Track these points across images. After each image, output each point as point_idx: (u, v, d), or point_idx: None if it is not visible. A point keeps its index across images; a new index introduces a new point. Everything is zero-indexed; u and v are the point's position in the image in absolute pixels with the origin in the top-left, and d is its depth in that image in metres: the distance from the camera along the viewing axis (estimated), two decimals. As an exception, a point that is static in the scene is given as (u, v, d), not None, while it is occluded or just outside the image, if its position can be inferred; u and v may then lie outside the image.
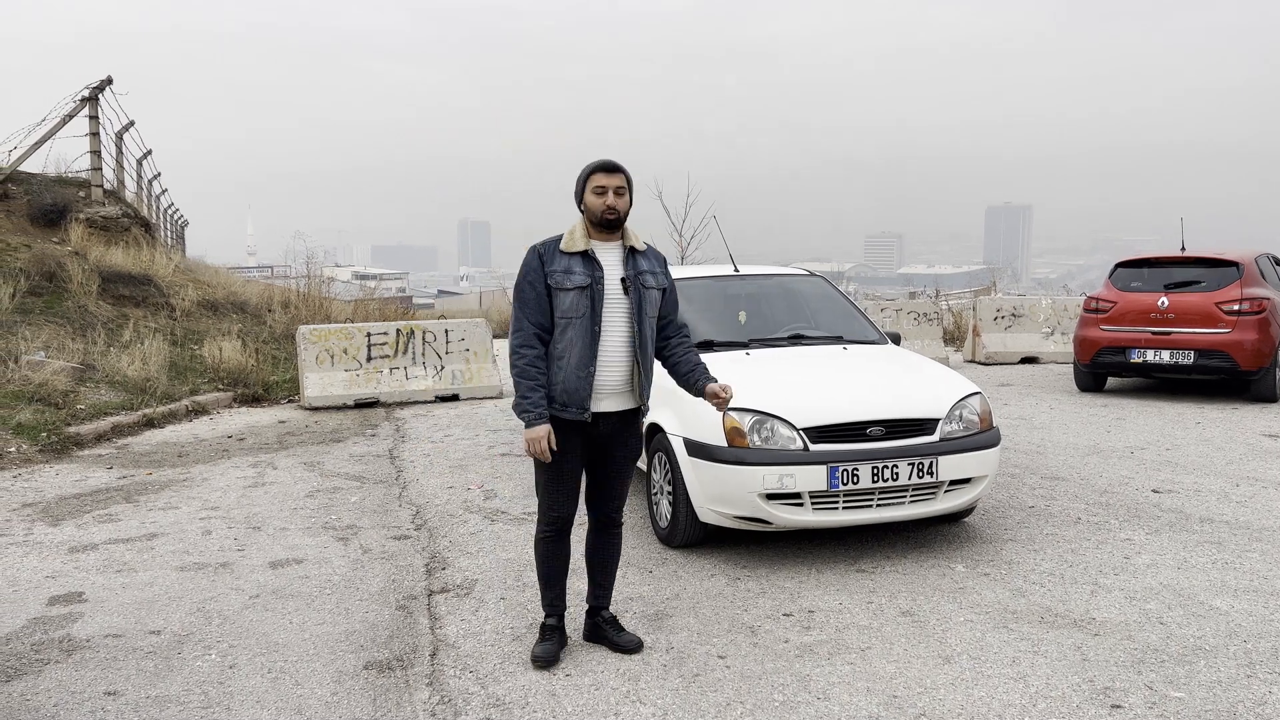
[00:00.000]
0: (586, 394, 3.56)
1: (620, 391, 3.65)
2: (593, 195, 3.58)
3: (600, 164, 3.62)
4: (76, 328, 10.66)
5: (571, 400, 3.56)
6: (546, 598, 3.80)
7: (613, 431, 3.69)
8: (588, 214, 3.62)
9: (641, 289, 3.62)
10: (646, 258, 3.71)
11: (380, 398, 10.24)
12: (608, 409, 3.64)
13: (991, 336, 13.59)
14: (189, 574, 4.78)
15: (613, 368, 3.60)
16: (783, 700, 3.36)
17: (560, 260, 3.59)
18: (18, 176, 15.30)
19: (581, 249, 3.59)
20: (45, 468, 7.16)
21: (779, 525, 4.61)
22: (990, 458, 4.88)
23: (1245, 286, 9.42)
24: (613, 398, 3.64)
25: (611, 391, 3.63)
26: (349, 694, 3.47)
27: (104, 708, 3.39)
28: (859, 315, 6.28)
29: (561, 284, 3.55)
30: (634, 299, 3.60)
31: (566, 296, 3.55)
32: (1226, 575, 4.53)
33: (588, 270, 3.57)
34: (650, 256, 3.74)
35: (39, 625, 4.14)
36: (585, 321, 3.54)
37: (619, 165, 3.62)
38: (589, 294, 3.55)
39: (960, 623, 4.00)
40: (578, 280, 3.55)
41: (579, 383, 3.54)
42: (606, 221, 3.59)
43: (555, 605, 3.79)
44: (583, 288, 3.55)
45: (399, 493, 6.41)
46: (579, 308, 3.54)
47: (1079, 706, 3.27)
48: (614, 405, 3.65)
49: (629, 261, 3.64)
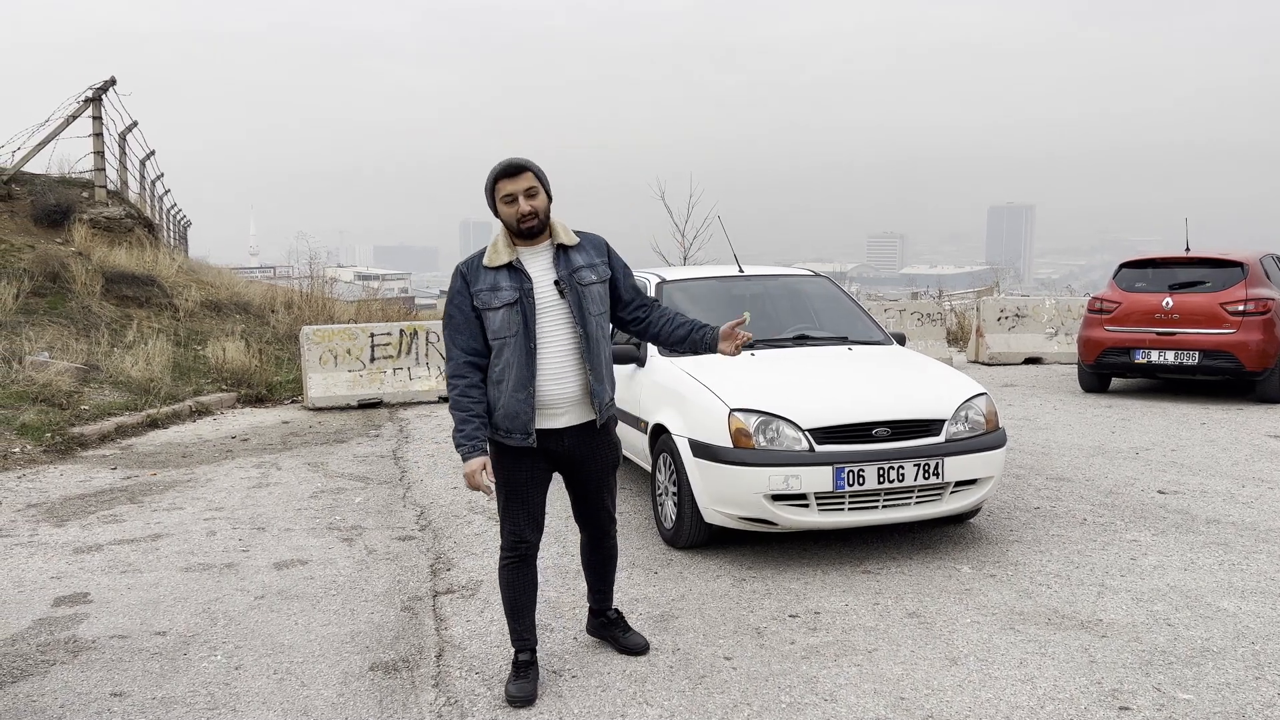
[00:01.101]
0: (529, 417, 3.32)
1: (574, 404, 3.39)
2: (503, 205, 3.29)
3: (501, 169, 3.30)
4: (80, 328, 10.67)
5: (514, 426, 3.33)
6: (515, 631, 3.50)
7: (575, 446, 3.44)
8: (505, 225, 3.35)
9: (579, 288, 3.35)
10: (581, 250, 3.41)
11: (384, 398, 10.24)
12: (562, 424, 3.39)
13: (995, 337, 13.57)
14: (194, 575, 4.78)
15: (559, 381, 3.34)
16: (789, 702, 3.35)
17: (485, 277, 3.32)
18: (21, 177, 15.31)
19: (505, 261, 3.32)
20: (50, 468, 7.16)
21: (784, 526, 4.61)
22: (996, 459, 4.87)
23: (1250, 287, 9.39)
24: (567, 412, 3.39)
25: (568, 404, 3.38)
26: (355, 695, 3.46)
27: (110, 708, 3.39)
28: (864, 316, 6.27)
29: (489, 303, 3.29)
30: (573, 300, 3.34)
31: (496, 316, 3.29)
32: (1233, 576, 4.51)
33: (515, 283, 3.30)
34: (585, 248, 3.43)
35: (45, 626, 4.13)
36: (519, 340, 3.29)
37: (522, 164, 3.29)
38: (519, 309, 3.29)
39: (967, 624, 3.99)
40: (505, 297, 3.29)
41: (519, 405, 3.30)
42: (525, 230, 3.31)
43: (525, 639, 3.50)
44: (511, 304, 3.29)
45: (403, 493, 6.40)
46: (511, 325, 3.29)
47: (1087, 708, 3.26)
48: (569, 420, 3.40)
49: (560, 261, 3.37)
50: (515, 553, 3.46)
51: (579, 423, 3.42)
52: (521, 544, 3.46)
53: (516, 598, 3.49)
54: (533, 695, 3.40)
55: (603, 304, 3.44)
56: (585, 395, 3.40)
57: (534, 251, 3.37)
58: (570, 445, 3.43)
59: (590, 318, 3.37)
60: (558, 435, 3.40)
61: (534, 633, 3.54)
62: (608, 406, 3.47)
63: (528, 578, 3.50)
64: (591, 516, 3.65)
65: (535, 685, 3.44)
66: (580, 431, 3.44)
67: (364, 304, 17.12)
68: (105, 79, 15.64)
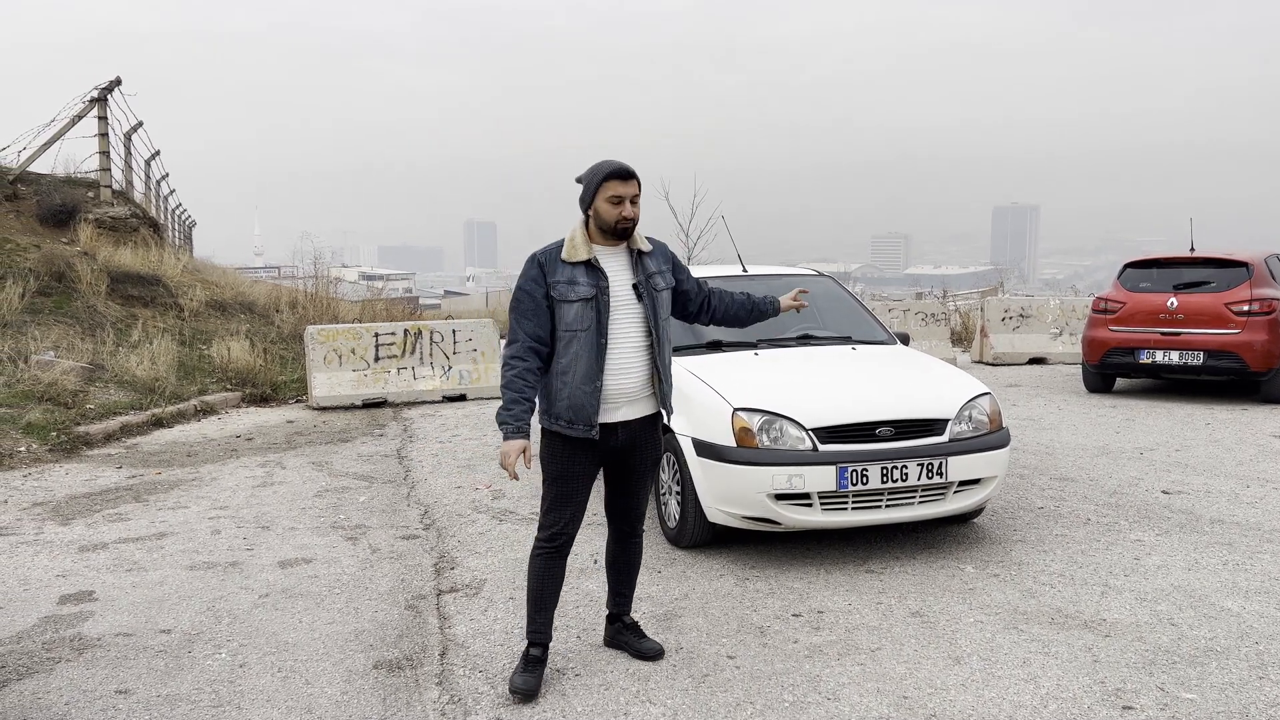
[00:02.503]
0: (594, 409, 3.39)
1: (637, 398, 3.50)
2: (607, 204, 3.37)
3: (615, 170, 3.38)
4: (85, 328, 10.70)
5: (578, 417, 3.39)
6: (534, 622, 3.52)
7: (631, 439, 3.53)
8: (597, 220, 3.41)
9: (654, 293, 3.49)
10: (653, 257, 3.55)
11: (388, 398, 10.26)
12: (624, 418, 3.49)
13: (999, 337, 13.56)
14: (199, 573, 4.79)
15: (625, 374, 3.44)
16: (793, 701, 3.36)
17: (563, 270, 3.39)
18: (27, 177, 15.37)
19: (584, 258, 3.40)
20: (55, 467, 7.18)
21: (788, 526, 4.61)
22: (1000, 458, 4.87)
23: (1255, 287, 9.38)
24: (630, 405, 3.49)
25: (628, 400, 3.48)
26: (359, 693, 3.47)
27: (115, 706, 3.40)
28: (867, 315, 6.27)
29: (565, 295, 3.37)
30: (648, 304, 3.46)
31: (571, 309, 3.37)
32: (1238, 576, 4.51)
33: (592, 281, 3.39)
34: (656, 255, 3.58)
35: (50, 624, 4.15)
36: (591, 335, 3.37)
37: (634, 172, 3.41)
38: (594, 305, 3.37)
39: (970, 624, 3.99)
40: (583, 292, 3.37)
41: (585, 398, 3.37)
42: (620, 231, 3.41)
43: (541, 633, 3.52)
44: (588, 299, 3.37)
45: (407, 492, 6.41)
46: (584, 320, 3.37)
47: (1090, 708, 3.26)
48: (631, 413, 3.50)
49: (637, 265, 3.49)
50: (553, 544, 3.52)
51: (636, 417, 3.53)
52: (560, 536, 3.51)
53: (543, 588, 3.53)
54: (534, 689, 3.41)
55: (668, 309, 3.61)
56: (645, 390, 3.52)
57: (611, 252, 3.47)
58: (625, 438, 3.52)
59: (661, 321, 3.52)
60: (614, 429, 3.49)
61: (550, 629, 3.56)
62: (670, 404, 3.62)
63: (557, 571, 3.54)
64: (625, 510, 3.69)
65: (539, 681, 3.45)
66: (636, 425, 3.54)
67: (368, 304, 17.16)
68: (111, 79, 15.69)
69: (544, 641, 3.53)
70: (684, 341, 5.60)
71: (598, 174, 3.40)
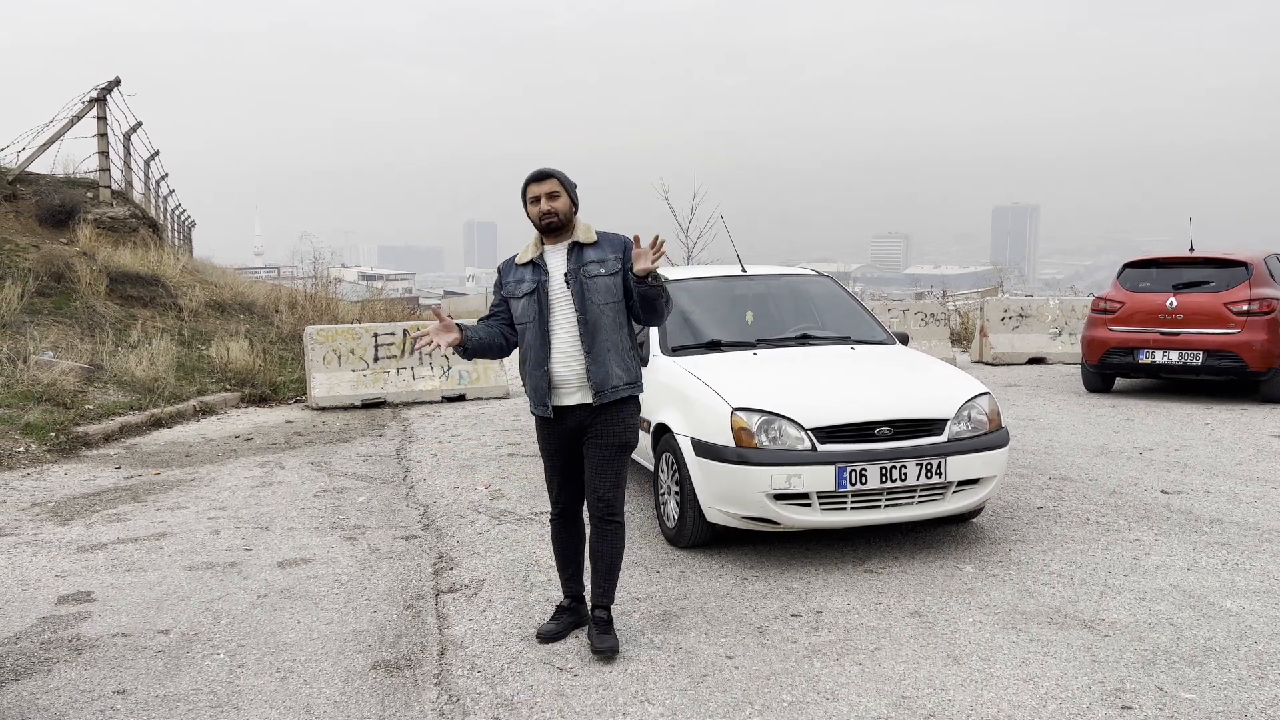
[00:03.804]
0: (545, 391, 3.78)
1: (578, 386, 3.79)
2: (530, 205, 3.78)
3: (531, 175, 3.81)
4: (84, 328, 10.69)
5: (536, 398, 3.83)
6: (561, 578, 4.04)
7: (580, 425, 3.82)
8: (533, 224, 3.83)
9: (585, 280, 3.73)
10: (597, 248, 3.80)
11: (387, 398, 10.26)
12: (569, 404, 3.81)
13: (999, 337, 13.56)
14: (197, 573, 4.79)
15: (565, 363, 3.77)
16: (791, 701, 3.35)
17: (515, 272, 3.87)
18: (26, 177, 15.36)
19: (529, 259, 3.83)
20: (54, 467, 7.18)
21: (787, 526, 4.60)
22: (999, 458, 4.87)
23: (1254, 287, 9.37)
24: (577, 392, 3.79)
25: (574, 386, 3.79)
26: (357, 693, 3.47)
27: (113, 706, 3.39)
28: (866, 315, 6.27)
29: (514, 293, 3.85)
30: (575, 290, 3.74)
31: (519, 304, 3.83)
32: (1237, 576, 4.51)
33: (535, 277, 3.80)
34: (602, 245, 3.80)
35: (48, 624, 4.15)
36: (535, 325, 3.78)
37: (546, 171, 3.77)
38: (535, 299, 3.78)
39: (969, 623, 3.99)
40: (526, 288, 3.80)
41: (538, 381, 3.79)
42: (547, 226, 3.77)
43: (569, 585, 4.01)
44: (530, 294, 3.79)
45: (406, 493, 6.41)
46: (529, 312, 3.80)
47: (1089, 708, 3.26)
48: (574, 400, 3.80)
49: (573, 257, 3.79)
50: (555, 509, 4.01)
51: (584, 402, 3.80)
52: (558, 504, 3.98)
53: (562, 548, 4.01)
54: (557, 634, 3.88)
55: (610, 295, 3.77)
56: (583, 379, 3.78)
57: (556, 250, 3.83)
58: (577, 422, 3.82)
59: (591, 306, 3.74)
60: (570, 412, 3.82)
61: (579, 582, 4.01)
62: (609, 391, 3.75)
63: (570, 533, 4.00)
64: (592, 494, 3.82)
65: (564, 628, 3.92)
66: (585, 411, 3.81)
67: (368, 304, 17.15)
68: (110, 79, 15.68)
69: (573, 593, 4.01)
70: (683, 341, 5.60)
71: (522, 185, 3.82)
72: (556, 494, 3.98)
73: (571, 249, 3.80)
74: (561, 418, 3.82)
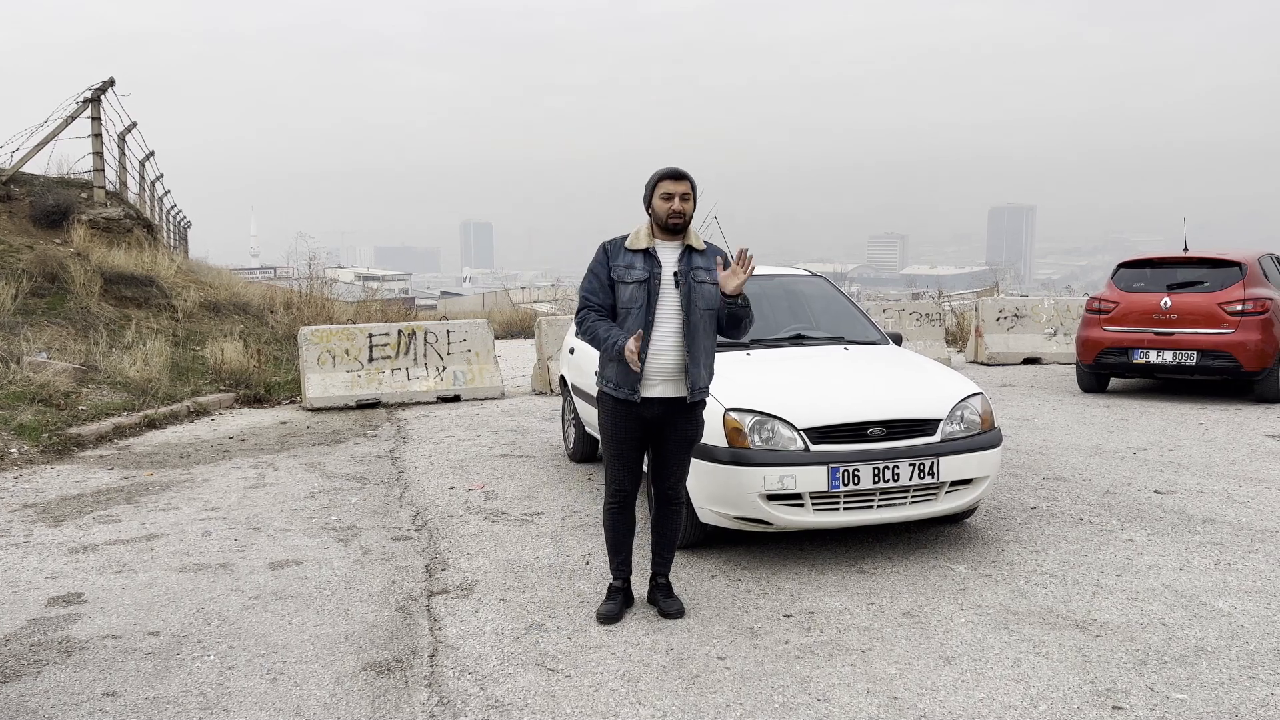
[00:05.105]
0: (637, 378, 3.87)
1: (669, 379, 3.92)
2: (660, 200, 3.91)
3: (668, 171, 3.93)
4: (78, 329, 10.67)
5: (624, 382, 3.90)
6: (613, 563, 4.16)
7: (663, 415, 3.96)
8: (654, 217, 3.94)
9: (693, 283, 3.89)
10: (704, 256, 3.98)
11: (382, 398, 10.24)
12: (658, 395, 3.93)
13: (994, 337, 13.57)
14: (189, 575, 4.77)
15: (662, 355, 3.89)
16: (782, 701, 3.35)
17: (624, 256, 3.95)
18: (20, 178, 15.32)
19: (644, 246, 3.93)
20: (46, 468, 7.16)
21: (779, 526, 4.60)
22: (992, 458, 4.87)
23: (1248, 287, 9.39)
24: (663, 384, 3.92)
25: (661, 378, 3.91)
26: (348, 695, 3.46)
27: (102, 709, 3.38)
28: (860, 315, 6.26)
29: (623, 277, 3.92)
30: (684, 292, 3.88)
31: (627, 289, 3.91)
32: (1229, 576, 4.51)
33: (647, 266, 3.91)
34: (708, 254, 4.00)
35: (38, 626, 4.13)
36: (641, 312, 3.88)
37: (686, 173, 3.93)
38: (646, 287, 3.89)
39: (961, 624, 3.99)
40: (638, 275, 3.90)
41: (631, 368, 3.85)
42: (671, 225, 3.91)
43: (620, 570, 4.15)
44: (641, 281, 3.89)
45: (400, 494, 6.40)
46: (637, 299, 3.89)
47: (1080, 708, 3.26)
48: (663, 392, 3.93)
49: (684, 259, 3.94)
50: (615, 500, 4.08)
51: (671, 396, 3.95)
52: (620, 492, 4.06)
53: (617, 537, 4.12)
54: (616, 614, 4.03)
55: (711, 302, 3.95)
56: (680, 373, 3.93)
57: (668, 246, 3.98)
58: (659, 412, 3.96)
59: (696, 310, 3.90)
60: (653, 403, 3.94)
61: (629, 566, 4.18)
62: (700, 389, 3.97)
63: (626, 520, 4.11)
64: (662, 480, 4.10)
65: (620, 609, 4.07)
66: (670, 404, 3.96)
67: (363, 304, 17.13)
68: (104, 80, 15.65)
69: (624, 576, 4.16)
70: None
71: (654, 176, 3.97)
72: (621, 483, 4.05)
73: (685, 251, 3.96)
74: (644, 406, 3.93)
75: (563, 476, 6.78)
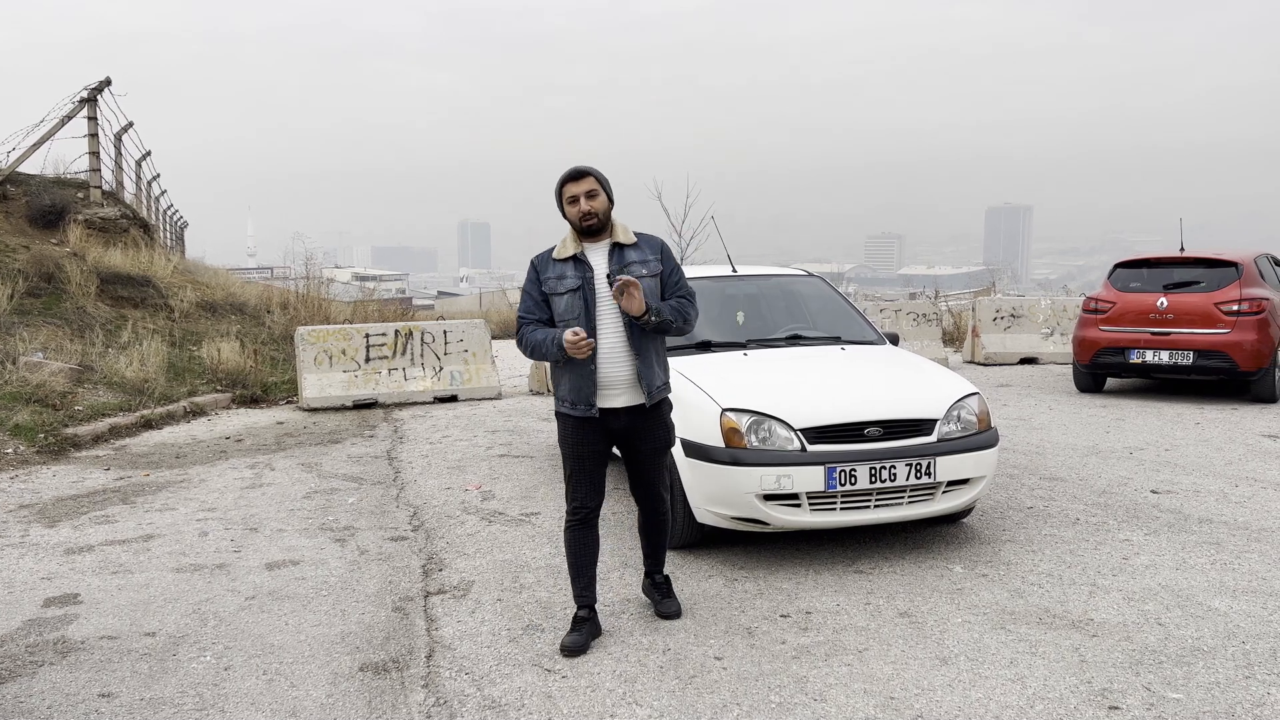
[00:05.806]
0: (591, 391, 3.72)
1: (627, 387, 3.78)
2: (567, 205, 3.76)
3: (567, 174, 3.78)
4: (75, 329, 10.65)
5: (579, 398, 3.75)
6: (575, 588, 3.88)
7: (629, 426, 3.82)
8: (570, 223, 3.80)
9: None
10: (636, 249, 3.82)
11: (378, 399, 10.24)
12: (617, 405, 3.78)
13: (991, 337, 13.58)
14: (185, 575, 4.77)
15: (613, 364, 3.74)
16: (779, 701, 3.35)
17: (554, 267, 3.79)
18: (16, 178, 15.29)
19: (571, 254, 3.77)
20: (42, 469, 7.14)
21: (776, 526, 4.60)
22: (988, 458, 4.87)
23: (1244, 287, 9.41)
24: (621, 394, 3.78)
25: (619, 387, 3.77)
26: (344, 696, 3.45)
27: (98, 709, 3.37)
28: (857, 316, 6.27)
29: (555, 289, 3.76)
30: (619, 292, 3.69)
31: (561, 300, 3.75)
32: (1225, 576, 4.51)
33: (579, 273, 3.75)
34: (641, 246, 3.84)
35: (34, 627, 4.12)
36: (580, 322, 3.70)
37: (585, 170, 3.76)
38: (581, 295, 3.73)
39: (958, 624, 3.99)
40: (569, 283, 3.74)
41: (582, 381, 3.72)
42: (586, 227, 3.75)
43: (583, 596, 3.86)
44: (575, 289, 3.73)
45: (396, 494, 6.39)
46: (574, 309, 3.73)
47: (1076, 708, 3.26)
48: (623, 401, 3.79)
49: (614, 257, 3.78)
50: (577, 516, 3.85)
51: (633, 404, 3.80)
52: (582, 509, 3.84)
53: (579, 559, 3.85)
54: (581, 646, 3.73)
55: (653, 297, 3.78)
56: (633, 380, 3.78)
57: (596, 248, 3.81)
58: (626, 423, 3.82)
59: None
60: (615, 414, 3.79)
61: (593, 592, 3.89)
62: (657, 390, 3.82)
63: (588, 539, 3.86)
64: (644, 491, 4.01)
65: (586, 639, 3.77)
66: (634, 412, 3.82)
67: (360, 305, 17.12)
68: (100, 79, 15.62)
69: (588, 603, 3.86)
70: (673, 342, 5.59)
71: (557, 182, 3.78)
72: (583, 498, 3.82)
73: (613, 250, 3.79)
74: (606, 419, 3.78)
75: (559, 477, 6.77)
